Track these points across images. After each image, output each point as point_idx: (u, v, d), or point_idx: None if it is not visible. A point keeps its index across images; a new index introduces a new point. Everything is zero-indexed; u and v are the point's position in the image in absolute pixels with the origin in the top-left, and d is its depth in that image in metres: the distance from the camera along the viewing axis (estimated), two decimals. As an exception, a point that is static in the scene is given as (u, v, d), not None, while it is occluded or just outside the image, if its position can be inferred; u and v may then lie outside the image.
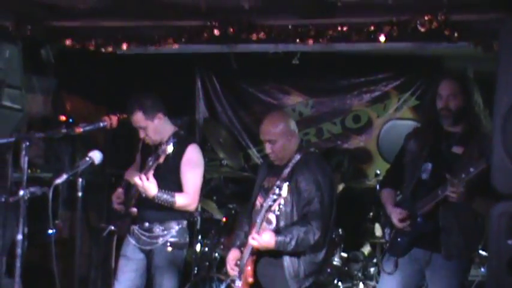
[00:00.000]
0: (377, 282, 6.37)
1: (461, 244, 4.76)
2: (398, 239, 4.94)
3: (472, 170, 4.44)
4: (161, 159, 5.15)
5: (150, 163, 5.23)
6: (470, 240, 4.84)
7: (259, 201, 4.95)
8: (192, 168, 5.39)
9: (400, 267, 4.93)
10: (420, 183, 4.89)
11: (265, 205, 4.69)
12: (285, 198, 4.60)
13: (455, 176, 4.50)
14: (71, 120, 6.82)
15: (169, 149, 5.11)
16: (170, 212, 5.33)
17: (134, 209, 5.38)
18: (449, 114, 4.76)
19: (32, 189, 4.95)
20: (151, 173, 5.18)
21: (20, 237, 4.86)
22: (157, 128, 5.42)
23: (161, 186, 5.21)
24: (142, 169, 5.35)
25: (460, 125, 4.82)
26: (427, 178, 4.85)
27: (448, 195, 4.58)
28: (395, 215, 4.89)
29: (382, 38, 5.85)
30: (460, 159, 4.71)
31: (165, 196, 5.24)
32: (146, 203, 5.27)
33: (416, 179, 4.91)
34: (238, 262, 4.89)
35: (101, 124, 5.51)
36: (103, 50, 6.48)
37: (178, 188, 5.34)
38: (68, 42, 6.53)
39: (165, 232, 5.37)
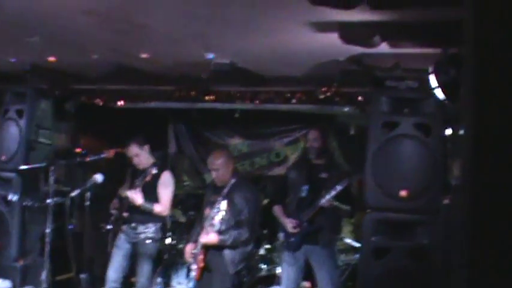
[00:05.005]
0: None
1: (331, 237, 5.06)
2: (292, 239, 5.03)
3: (338, 187, 4.79)
4: (148, 178, 5.14)
5: (138, 182, 5.21)
6: (335, 233, 5.18)
7: (207, 211, 4.92)
8: (166, 187, 5.38)
9: (296, 259, 5.06)
10: (301, 199, 5.08)
11: (211, 215, 4.71)
12: (224, 210, 4.64)
13: (328, 192, 4.84)
14: (84, 152, 6.77)
15: (154, 171, 5.14)
16: (150, 216, 5.30)
17: (125, 214, 5.39)
18: (314, 151, 5.09)
19: (56, 198, 5.02)
20: (139, 189, 5.19)
21: (48, 230, 4.92)
22: (147, 155, 5.41)
23: (145, 198, 5.21)
24: (132, 186, 5.31)
25: (322, 159, 5.12)
26: (306, 195, 5.06)
27: (324, 205, 4.87)
28: (290, 224, 5.01)
29: (294, 101, 6.03)
30: (326, 181, 5.00)
31: (147, 205, 5.23)
32: (134, 209, 5.27)
33: (298, 197, 5.10)
34: (194, 251, 4.91)
35: (102, 155, 5.58)
36: (107, 104, 6.53)
37: (156, 199, 5.33)
38: (83, 99, 6.54)
39: (146, 230, 5.33)
